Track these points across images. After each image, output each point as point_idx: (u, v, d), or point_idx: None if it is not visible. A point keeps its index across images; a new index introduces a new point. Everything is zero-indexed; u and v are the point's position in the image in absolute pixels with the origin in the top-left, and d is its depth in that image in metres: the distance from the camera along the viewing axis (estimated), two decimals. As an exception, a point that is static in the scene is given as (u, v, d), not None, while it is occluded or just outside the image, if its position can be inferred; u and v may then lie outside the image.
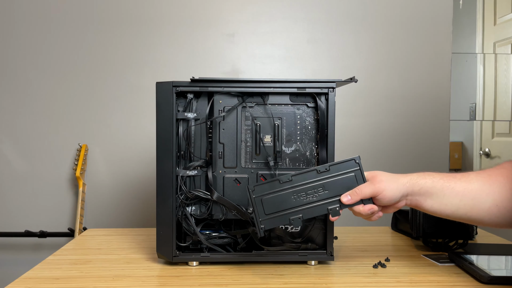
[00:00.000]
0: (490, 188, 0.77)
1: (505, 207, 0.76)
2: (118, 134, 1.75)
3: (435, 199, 0.78)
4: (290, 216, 0.79)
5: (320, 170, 0.80)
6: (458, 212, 0.78)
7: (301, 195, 0.80)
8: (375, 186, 0.78)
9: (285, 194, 0.80)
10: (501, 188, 0.77)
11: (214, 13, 1.75)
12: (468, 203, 0.78)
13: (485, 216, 0.78)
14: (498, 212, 0.77)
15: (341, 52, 1.76)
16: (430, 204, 0.79)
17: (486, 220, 0.78)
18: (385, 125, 1.77)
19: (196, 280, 0.84)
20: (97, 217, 1.76)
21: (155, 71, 1.74)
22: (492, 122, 2.29)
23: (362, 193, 0.79)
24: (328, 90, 0.91)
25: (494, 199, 0.77)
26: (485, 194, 0.77)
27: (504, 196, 0.77)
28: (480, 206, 0.77)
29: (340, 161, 0.81)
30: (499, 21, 2.27)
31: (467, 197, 0.78)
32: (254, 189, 0.80)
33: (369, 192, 0.78)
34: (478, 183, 0.78)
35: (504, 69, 2.27)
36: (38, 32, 1.74)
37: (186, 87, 0.90)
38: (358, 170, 0.81)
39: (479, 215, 0.78)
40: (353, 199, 0.79)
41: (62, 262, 0.96)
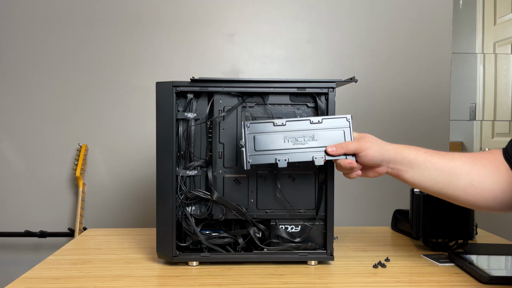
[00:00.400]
0: (471, 169, 0.80)
1: (481, 188, 0.79)
2: (118, 134, 1.75)
3: (416, 171, 0.81)
4: (277, 156, 0.83)
5: (313, 121, 0.85)
6: (436, 186, 0.81)
7: (291, 139, 0.84)
8: (360, 143, 0.82)
9: (276, 135, 0.84)
10: (480, 170, 0.80)
11: (214, 13, 1.75)
12: (446, 178, 0.80)
13: (460, 194, 0.80)
14: (474, 191, 0.79)
15: (341, 52, 1.76)
16: (411, 175, 0.82)
17: (461, 198, 0.81)
18: (385, 125, 1.77)
19: (196, 280, 0.84)
20: (97, 217, 1.76)
21: (155, 71, 1.74)
22: (492, 122, 2.29)
23: (347, 147, 0.83)
24: (328, 90, 0.91)
25: (472, 178, 0.79)
26: (464, 173, 0.80)
27: (481, 178, 0.79)
28: (457, 183, 0.80)
29: (333, 117, 0.86)
30: (499, 21, 2.27)
31: (446, 172, 0.80)
32: (249, 126, 0.84)
33: (353, 147, 0.82)
34: (459, 161, 0.81)
35: (504, 69, 2.27)
36: (38, 32, 1.74)
37: (186, 87, 0.90)
38: (347, 128, 0.86)
39: (455, 192, 0.80)
40: (338, 151, 0.83)
41: (62, 262, 0.96)
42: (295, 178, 0.93)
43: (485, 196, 0.79)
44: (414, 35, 1.77)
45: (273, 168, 0.92)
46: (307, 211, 0.93)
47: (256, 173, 0.93)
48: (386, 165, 0.83)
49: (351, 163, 0.82)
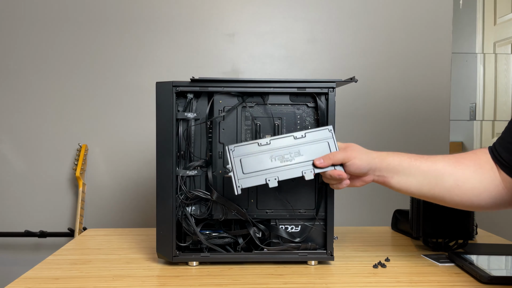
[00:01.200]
0: (454, 169, 0.81)
1: (466, 188, 0.80)
2: (118, 134, 1.75)
3: (401, 177, 0.83)
4: (266, 176, 0.83)
5: (297, 136, 0.86)
6: (422, 189, 0.82)
7: (278, 157, 0.84)
8: (347, 153, 0.83)
9: (263, 155, 0.84)
10: (463, 170, 0.81)
11: (214, 13, 1.75)
12: (431, 181, 0.82)
13: (446, 195, 0.81)
14: (459, 191, 0.80)
15: (341, 52, 1.76)
16: (396, 180, 0.83)
17: (447, 198, 0.82)
18: (385, 125, 1.77)
19: (196, 280, 0.84)
20: (97, 217, 1.76)
21: (155, 71, 1.74)
22: (492, 122, 2.29)
23: (335, 158, 0.83)
24: (328, 90, 0.91)
25: (456, 179, 0.81)
26: (448, 174, 0.81)
27: (465, 178, 0.80)
28: (442, 184, 0.81)
29: (315, 129, 0.87)
30: (499, 21, 2.28)
31: (431, 175, 0.82)
32: (233, 150, 0.84)
33: (341, 157, 0.83)
34: (442, 163, 0.82)
35: (504, 69, 2.27)
36: (38, 32, 1.74)
37: (186, 87, 0.90)
38: (331, 139, 0.86)
39: (441, 193, 0.82)
40: (326, 162, 0.83)
41: (62, 262, 0.96)
42: (295, 178, 0.93)
43: (469, 195, 0.80)
44: (414, 35, 1.77)
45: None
46: (307, 211, 0.93)
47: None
48: (372, 173, 0.84)
49: (340, 174, 0.83)
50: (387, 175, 0.83)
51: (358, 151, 0.84)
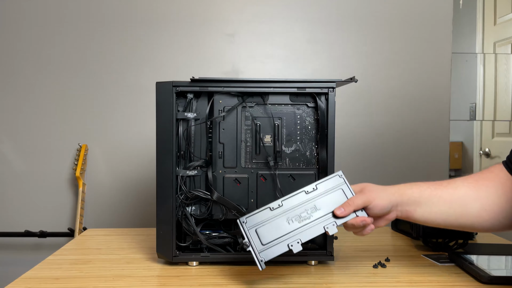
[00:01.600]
0: (477, 193, 0.78)
1: (494, 211, 0.77)
2: (118, 134, 1.75)
3: (425, 208, 0.79)
4: (288, 242, 0.77)
5: (308, 190, 0.80)
6: (449, 219, 0.79)
7: (295, 218, 0.79)
8: (366, 195, 0.79)
9: (278, 220, 0.78)
10: (487, 193, 0.78)
11: (214, 13, 1.75)
12: (457, 210, 0.78)
13: (475, 221, 0.78)
14: (488, 216, 0.78)
15: (341, 52, 1.76)
16: (421, 213, 0.79)
17: (477, 225, 0.79)
18: (385, 125, 1.77)
19: (196, 280, 0.84)
20: (97, 217, 1.76)
21: (155, 71, 1.74)
22: (492, 122, 2.29)
23: (355, 204, 0.78)
24: (328, 90, 0.91)
25: (481, 203, 0.78)
26: (473, 200, 0.78)
27: (491, 200, 0.78)
28: (469, 211, 0.78)
29: (325, 179, 0.82)
30: (499, 21, 2.27)
31: (455, 203, 0.78)
32: (246, 221, 0.78)
33: (361, 202, 0.78)
34: (464, 189, 0.79)
35: (504, 69, 2.27)
36: (39, 33, 1.74)
37: (186, 87, 0.90)
38: (344, 184, 0.81)
39: (469, 220, 0.78)
40: (347, 210, 0.78)
41: (62, 262, 0.96)
42: (295, 178, 0.93)
43: (498, 218, 0.77)
44: (414, 35, 1.77)
45: (273, 168, 0.92)
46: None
47: (256, 173, 0.93)
48: (395, 209, 0.79)
49: (364, 220, 0.78)
50: (409, 208, 0.79)
51: (376, 191, 0.79)
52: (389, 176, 1.74)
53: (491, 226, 0.78)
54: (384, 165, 1.75)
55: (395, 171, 1.75)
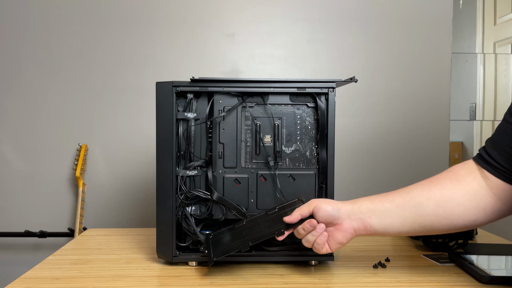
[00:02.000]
0: (430, 192, 0.77)
1: (450, 207, 0.76)
2: (118, 134, 1.75)
3: (379, 215, 0.78)
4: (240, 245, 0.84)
5: (269, 211, 0.86)
6: (407, 223, 0.78)
7: (251, 230, 0.85)
8: (310, 202, 0.82)
9: (237, 232, 0.86)
10: (442, 190, 0.77)
11: (214, 13, 1.75)
12: (412, 211, 0.77)
13: (434, 220, 0.77)
14: (445, 212, 0.76)
15: (341, 52, 1.76)
16: (377, 221, 0.78)
17: (437, 224, 0.77)
18: (385, 125, 1.77)
19: (196, 280, 0.84)
20: (97, 217, 1.76)
21: (155, 71, 1.74)
22: (492, 122, 2.29)
23: (301, 209, 0.81)
24: (328, 90, 0.91)
25: (436, 200, 0.76)
26: (426, 198, 0.77)
27: (445, 197, 0.76)
28: (424, 210, 0.77)
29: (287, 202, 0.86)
30: (499, 21, 2.28)
31: (409, 205, 0.77)
32: (212, 236, 0.87)
33: (306, 207, 0.81)
34: (417, 190, 0.78)
35: (504, 69, 2.27)
36: (38, 32, 1.74)
37: (186, 87, 0.90)
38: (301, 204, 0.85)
39: (427, 220, 0.77)
40: (293, 215, 0.81)
41: (62, 262, 0.96)
42: (295, 178, 0.93)
43: (457, 213, 0.76)
44: (414, 35, 1.77)
45: (273, 168, 0.92)
46: (307, 211, 0.93)
47: (256, 173, 0.93)
48: (348, 219, 0.79)
49: (311, 221, 0.79)
50: (363, 216, 0.78)
51: (322, 199, 0.82)
52: (389, 176, 1.74)
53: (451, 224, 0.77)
54: (384, 165, 1.75)
55: (395, 171, 1.75)
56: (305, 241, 0.81)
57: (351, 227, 0.79)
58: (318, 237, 0.79)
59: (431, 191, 0.77)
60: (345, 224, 0.79)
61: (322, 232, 0.79)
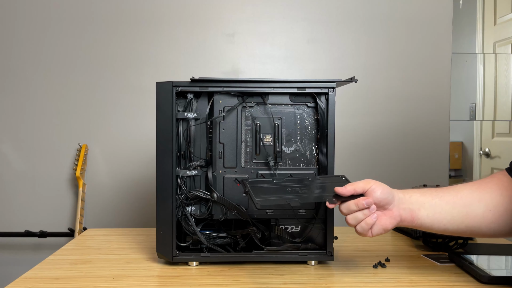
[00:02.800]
0: (480, 194, 0.78)
1: (499, 212, 0.77)
2: (118, 134, 1.75)
3: (428, 209, 0.78)
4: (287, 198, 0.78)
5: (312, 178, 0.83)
6: (454, 222, 0.78)
7: (296, 189, 0.81)
8: (365, 181, 0.79)
9: (279, 186, 0.81)
10: (491, 194, 0.78)
11: (214, 13, 1.75)
12: (461, 210, 0.77)
13: (481, 223, 0.77)
14: (493, 217, 0.77)
15: (341, 52, 1.76)
16: (425, 213, 0.78)
17: (483, 227, 0.78)
18: (385, 125, 1.77)
19: (196, 280, 0.84)
20: (97, 217, 1.76)
21: (155, 71, 1.74)
22: (492, 122, 2.29)
23: (356, 185, 0.78)
24: (328, 90, 0.91)
25: (486, 204, 0.77)
26: (477, 200, 0.78)
27: (495, 201, 0.77)
28: (474, 212, 0.77)
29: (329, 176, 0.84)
30: (499, 21, 2.27)
31: (459, 204, 0.78)
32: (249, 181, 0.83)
33: (362, 183, 0.78)
34: (467, 190, 0.79)
35: (504, 69, 2.27)
36: (38, 32, 1.74)
37: (186, 87, 0.90)
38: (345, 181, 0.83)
39: (474, 221, 0.77)
40: (347, 188, 0.78)
41: (62, 262, 0.96)
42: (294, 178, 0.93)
43: (505, 219, 0.77)
44: (414, 35, 1.77)
45: (273, 168, 0.92)
46: (307, 211, 0.93)
47: (256, 173, 0.93)
48: (398, 206, 0.78)
49: (367, 198, 0.76)
50: (413, 207, 0.78)
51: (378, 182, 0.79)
52: (389, 176, 1.74)
53: (498, 228, 0.78)
54: (384, 165, 1.75)
55: (395, 171, 1.75)
56: (352, 218, 0.77)
57: (399, 215, 0.78)
58: (368, 217, 0.76)
59: (481, 193, 0.78)
60: (395, 211, 0.78)
61: (373, 213, 0.76)
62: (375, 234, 0.77)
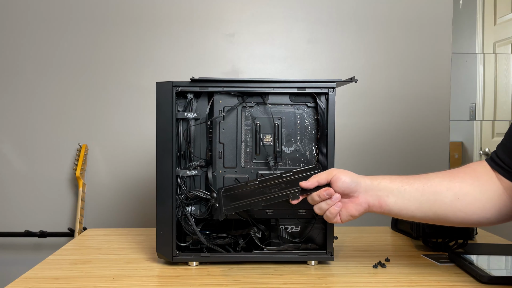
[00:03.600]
0: (450, 183, 0.78)
1: (467, 201, 0.77)
2: (118, 134, 1.75)
3: (397, 195, 0.79)
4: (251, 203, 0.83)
5: (284, 174, 0.85)
6: (422, 209, 0.78)
7: (265, 190, 0.84)
8: (329, 171, 0.81)
9: (250, 190, 0.84)
10: (461, 183, 0.78)
11: (214, 13, 1.75)
12: (429, 198, 0.78)
13: (449, 211, 0.78)
14: (461, 205, 0.77)
15: (341, 52, 1.76)
16: (393, 201, 0.79)
17: (451, 215, 0.78)
18: (385, 125, 1.77)
19: (196, 280, 0.84)
20: (97, 217, 1.76)
21: (155, 71, 1.74)
22: (492, 122, 2.29)
23: (319, 177, 0.81)
24: (328, 90, 0.91)
25: (454, 192, 0.78)
26: (446, 189, 0.78)
27: (464, 190, 0.78)
28: (442, 200, 0.78)
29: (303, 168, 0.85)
30: (499, 21, 2.28)
31: (428, 191, 0.78)
32: (223, 190, 0.85)
33: (324, 175, 0.80)
34: (438, 178, 0.79)
35: (504, 69, 2.27)
36: (38, 32, 1.74)
37: (186, 87, 0.90)
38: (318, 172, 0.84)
39: (442, 209, 0.78)
40: (311, 181, 0.81)
41: (62, 262, 0.96)
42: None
43: (473, 209, 0.77)
44: (414, 35, 1.77)
45: (273, 168, 0.92)
46: (307, 211, 0.93)
47: (256, 173, 0.93)
48: (364, 193, 0.79)
49: (328, 189, 0.79)
50: (381, 194, 0.79)
51: (342, 170, 0.81)
52: (389, 176, 1.74)
53: (466, 217, 0.78)
54: (384, 165, 1.75)
55: (395, 171, 1.75)
56: (317, 208, 0.81)
57: (366, 202, 0.79)
58: (332, 206, 0.79)
59: (451, 182, 0.78)
60: (361, 198, 0.79)
61: (337, 202, 0.79)
62: (344, 220, 0.81)
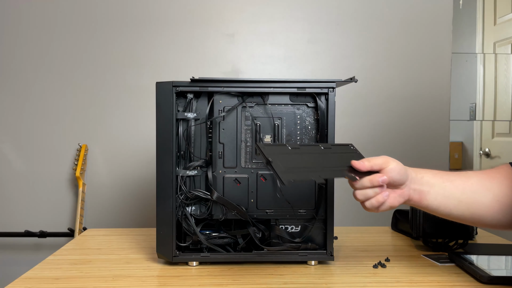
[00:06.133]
0: (490, 184, 0.77)
1: (506, 204, 0.76)
2: (118, 134, 1.75)
3: (437, 191, 0.76)
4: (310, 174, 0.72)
5: (324, 146, 0.78)
6: (460, 207, 0.77)
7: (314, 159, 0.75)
8: (383, 157, 0.76)
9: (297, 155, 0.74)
10: (500, 185, 0.77)
11: (214, 13, 1.75)
12: (469, 197, 0.77)
13: (487, 212, 0.77)
14: (500, 208, 0.76)
15: (341, 52, 1.76)
16: (434, 196, 0.76)
17: (487, 216, 0.77)
18: (385, 125, 1.77)
19: (196, 280, 0.84)
20: (97, 217, 1.76)
21: (155, 71, 1.74)
22: (492, 122, 2.29)
23: (373, 161, 0.74)
24: (328, 90, 0.91)
25: (494, 194, 0.77)
26: (486, 189, 0.77)
27: (504, 192, 0.77)
28: (481, 200, 0.77)
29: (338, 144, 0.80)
30: (499, 21, 2.28)
31: (468, 190, 0.77)
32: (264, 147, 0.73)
33: (380, 160, 0.74)
34: (477, 178, 0.78)
35: (504, 69, 2.27)
36: (38, 32, 1.74)
37: (186, 87, 0.90)
38: (356, 153, 0.80)
39: (480, 209, 0.77)
40: (365, 164, 0.74)
41: (62, 262, 0.96)
42: (295, 178, 0.93)
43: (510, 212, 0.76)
44: (414, 35, 1.77)
45: (273, 168, 0.92)
46: (307, 211, 0.93)
47: (256, 173, 0.93)
48: (409, 186, 0.76)
49: (383, 176, 0.72)
50: (423, 188, 0.76)
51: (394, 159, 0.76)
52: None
53: (502, 219, 0.77)
54: (384, 165, 1.75)
55: (395, 171, 1.74)
56: (362, 194, 0.74)
57: (408, 194, 0.76)
58: (380, 195, 0.73)
59: (491, 183, 0.77)
60: (405, 190, 0.76)
61: (385, 191, 0.74)
62: (381, 210, 0.75)
